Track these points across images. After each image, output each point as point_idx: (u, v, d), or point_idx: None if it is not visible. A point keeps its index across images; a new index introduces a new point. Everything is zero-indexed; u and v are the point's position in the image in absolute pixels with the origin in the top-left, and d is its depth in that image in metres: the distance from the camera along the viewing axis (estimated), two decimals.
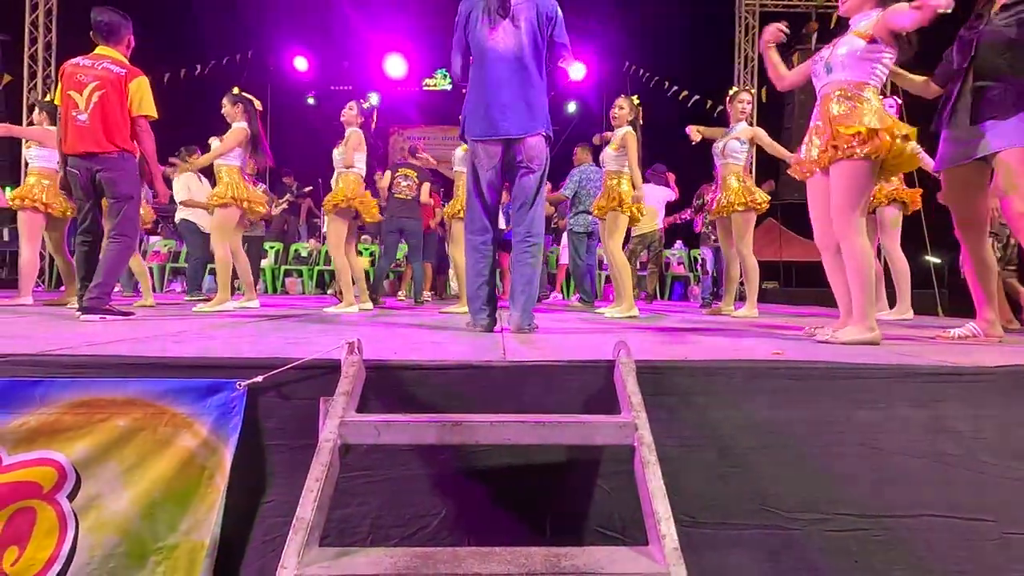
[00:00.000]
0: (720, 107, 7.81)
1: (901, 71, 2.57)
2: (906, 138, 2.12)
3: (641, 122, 4.08)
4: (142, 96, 3.09)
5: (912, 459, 1.49)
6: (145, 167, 3.28)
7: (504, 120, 2.43)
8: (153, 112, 3.15)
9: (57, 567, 1.28)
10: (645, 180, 4.33)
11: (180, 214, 5.49)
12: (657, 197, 6.30)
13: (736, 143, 4.19)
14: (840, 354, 1.74)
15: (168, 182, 5.35)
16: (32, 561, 1.28)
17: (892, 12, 2.09)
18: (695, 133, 4.38)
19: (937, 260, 6.21)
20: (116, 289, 5.07)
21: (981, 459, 1.50)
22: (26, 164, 4.56)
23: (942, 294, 5.81)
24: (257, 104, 4.13)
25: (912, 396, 1.53)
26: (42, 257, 5.11)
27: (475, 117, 2.49)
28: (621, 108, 4.01)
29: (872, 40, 2.15)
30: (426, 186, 5.42)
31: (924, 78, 2.62)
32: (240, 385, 1.38)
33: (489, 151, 2.48)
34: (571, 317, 3.76)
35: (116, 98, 3.02)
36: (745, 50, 8.93)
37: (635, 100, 4.09)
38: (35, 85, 7.78)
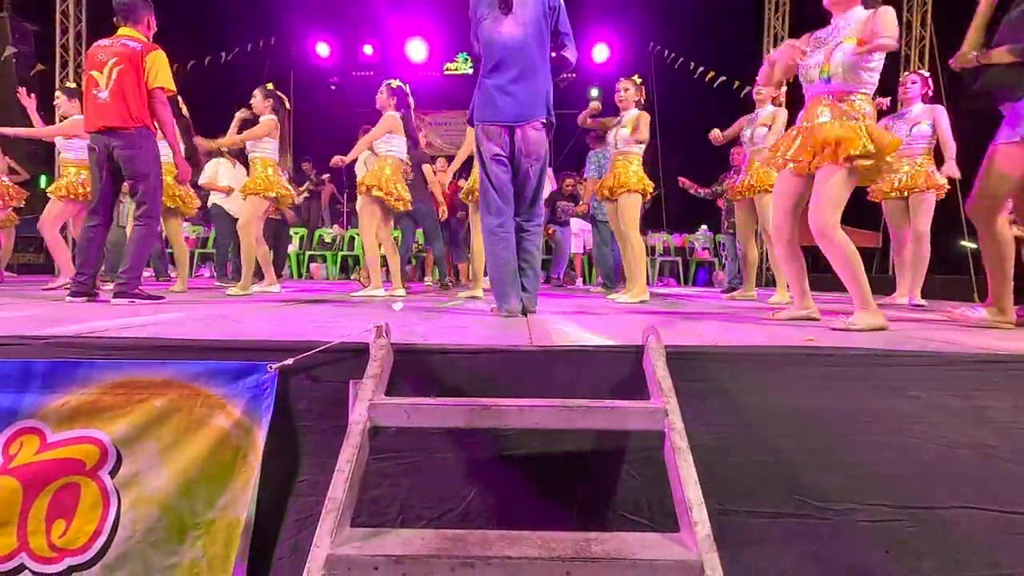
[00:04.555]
0: (748, 88, 7.59)
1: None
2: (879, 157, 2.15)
3: (643, 101, 4.05)
4: (159, 68, 3.08)
5: (949, 449, 1.45)
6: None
7: (506, 106, 2.53)
8: (170, 84, 3.13)
9: (102, 540, 1.34)
10: None
11: (213, 198, 5.58)
12: None
13: (763, 130, 4.13)
14: (875, 341, 1.70)
15: (200, 166, 5.44)
16: (78, 533, 1.33)
17: (882, 29, 2.08)
18: (718, 136, 4.41)
19: (973, 245, 6.01)
20: (147, 274, 5.21)
21: (1022, 450, 1.45)
22: (58, 153, 4.62)
23: (979, 280, 5.62)
24: (287, 104, 4.20)
25: (950, 384, 1.48)
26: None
27: (481, 103, 2.60)
28: (627, 90, 4.00)
29: (862, 44, 2.12)
30: (426, 167, 5.31)
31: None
32: (271, 367, 1.41)
33: (492, 134, 2.56)
34: (594, 302, 3.74)
35: (133, 73, 3.03)
36: (775, 28, 8.64)
37: (637, 80, 4.06)
38: (67, 74, 7.93)
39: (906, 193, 3.93)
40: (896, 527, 1.41)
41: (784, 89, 4.21)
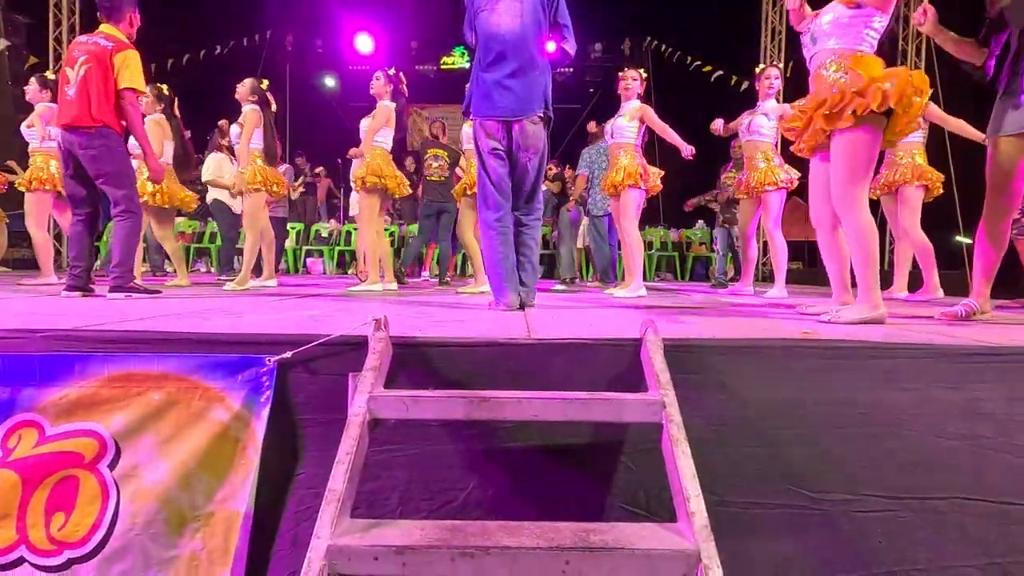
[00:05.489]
0: (745, 82, 7.59)
1: (945, 31, 2.39)
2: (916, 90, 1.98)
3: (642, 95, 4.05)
4: (128, 69, 3.00)
5: (944, 441, 1.46)
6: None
7: (503, 100, 2.51)
8: (140, 85, 3.06)
9: (101, 532, 1.34)
10: None
11: (212, 194, 5.56)
12: None
13: (764, 119, 4.10)
14: (873, 334, 1.71)
15: (200, 162, 5.41)
16: (78, 526, 1.33)
17: None
18: (722, 128, 4.38)
19: (969, 240, 6.03)
20: (145, 269, 5.19)
21: (1016, 442, 1.47)
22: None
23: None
24: (273, 105, 4.20)
25: (946, 377, 1.49)
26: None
27: (478, 97, 2.57)
28: (634, 79, 3.97)
29: (856, 5, 2.06)
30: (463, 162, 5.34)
31: (971, 40, 2.40)
32: (270, 360, 1.41)
33: (490, 129, 2.54)
34: (591, 297, 3.75)
35: (99, 72, 2.96)
36: (772, 22, 8.63)
37: (643, 73, 4.05)
38: (60, 67, 7.89)
39: (896, 189, 3.95)
40: (890, 517, 1.43)
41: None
